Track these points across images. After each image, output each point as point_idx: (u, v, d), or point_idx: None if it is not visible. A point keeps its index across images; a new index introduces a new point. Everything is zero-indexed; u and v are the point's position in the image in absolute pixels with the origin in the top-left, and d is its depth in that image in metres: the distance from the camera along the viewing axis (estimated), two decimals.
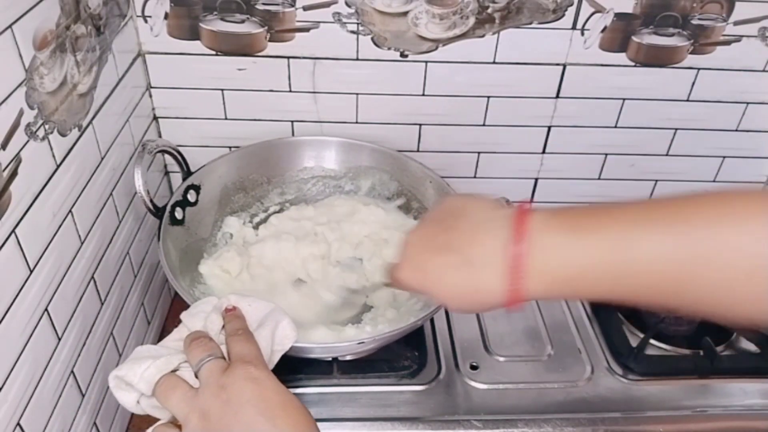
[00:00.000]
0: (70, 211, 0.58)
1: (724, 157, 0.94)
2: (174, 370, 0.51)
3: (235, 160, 0.82)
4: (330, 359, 0.73)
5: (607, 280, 0.42)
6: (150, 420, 0.51)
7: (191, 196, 0.76)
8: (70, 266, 0.58)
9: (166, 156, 0.78)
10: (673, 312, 0.42)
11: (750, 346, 0.79)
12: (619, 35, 0.82)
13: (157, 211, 0.70)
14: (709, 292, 0.40)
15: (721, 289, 0.39)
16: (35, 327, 0.52)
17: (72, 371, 0.59)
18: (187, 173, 0.77)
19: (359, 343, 0.65)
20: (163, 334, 0.86)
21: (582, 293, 0.45)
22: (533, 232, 0.43)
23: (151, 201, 0.69)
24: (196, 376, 0.49)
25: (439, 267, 0.46)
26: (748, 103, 0.89)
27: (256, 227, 0.84)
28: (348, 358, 0.74)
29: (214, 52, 0.80)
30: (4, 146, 0.47)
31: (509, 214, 0.45)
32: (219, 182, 0.81)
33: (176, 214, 0.73)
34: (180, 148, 0.87)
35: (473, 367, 0.75)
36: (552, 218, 0.44)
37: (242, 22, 0.78)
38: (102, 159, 0.66)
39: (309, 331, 0.68)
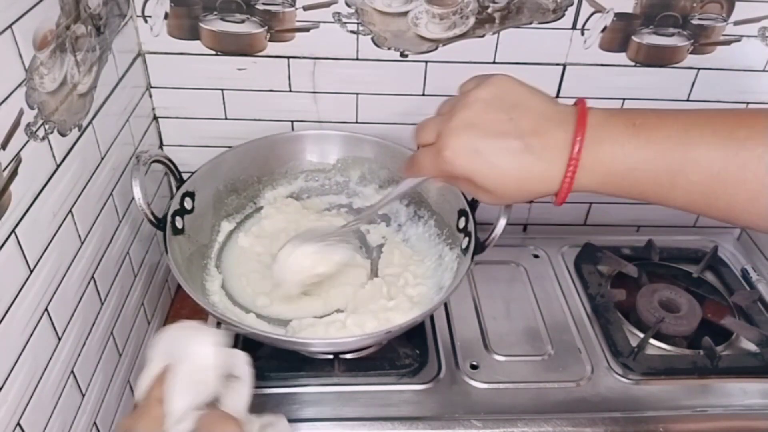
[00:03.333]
0: (70, 211, 0.58)
1: None
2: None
3: (224, 164, 0.81)
4: (331, 357, 0.74)
5: (656, 177, 0.45)
6: None
7: (187, 204, 0.75)
8: (70, 266, 0.58)
9: (167, 153, 0.78)
10: (697, 213, 0.47)
11: (750, 346, 0.79)
12: (619, 35, 0.82)
13: (158, 222, 0.70)
14: (740, 200, 0.44)
15: (748, 201, 0.44)
16: (35, 327, 0.52)
17: (72, 371, 0.59)
18: (180, 181, 0.76)
19: (374, 336, 0.66)
20: None
21: (628, 190, 0.47)
22: (593, 126, 0.46)
23: (152, 213, 0.69)
24: None
25: (498, 151, 0.48)
26: (748, 103, 0.89)
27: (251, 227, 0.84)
28: (349, 356, 0.74)
29: (214, 52, 0.80)
30: (4, 146, 0.47)
31: (572, 109, 0.48)
32: (211, 186, 0.80)
33: (176, 224, 0.73)
34: (180, 149, 0.87)
35: (473, 367, 0.75)
36: (611, 115, 0.47)
37: (242, 22, 0.78)
38: (102, 159, 0.66)
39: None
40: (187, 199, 0.75)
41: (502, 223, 0.68)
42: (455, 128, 0.49)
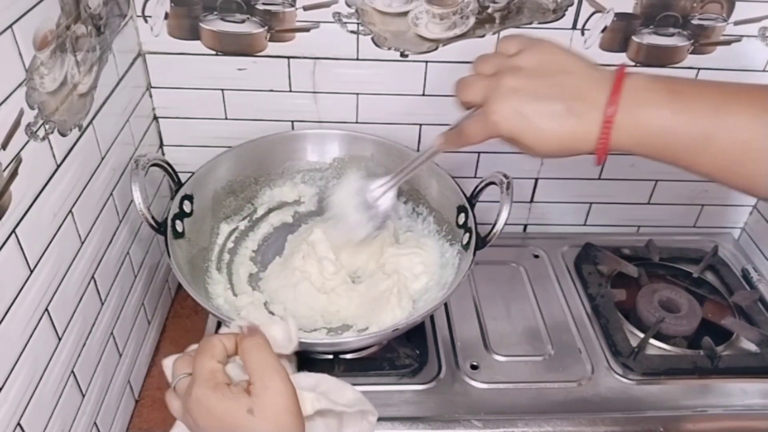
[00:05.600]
0: (70, 211, 0.58)
1: None
2: None
3: (221, 165, 0.81)
4: (331, 357, 0.74)
5: (689, 141, 0.47)
6: (150, 421, 0.52)
7: (186, 207, 0.75)
8: (70, 266, 0.58)
9: (167, 153, 0.78)
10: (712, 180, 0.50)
11: (750, 346, 0.79)
12: (619, 35, 0.82)
13: (159, 227, 0.70)
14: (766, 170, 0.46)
15: None
16: (35, 327, 0.52)
17: (72, 371, 0.59)
18: (178, 184, 0.76)
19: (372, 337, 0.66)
20: (163, 333, 0.86)
21: (662, 152, 0.50)
22: (632, 89, 0.49)
23: (153, 218, 0.69)
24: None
25: (543, 114, 0.51)
26: None
27: (251, 229, 0.84)
28: (349, 356, 0.74)
29: (214, 52, 0.80)
30: (4, 146, 0.47)
31: (612, 74, 0.51)
32: (209, 189, 0.80)
33: (177, 228, 0.72)
34: (180, 149, 0.87)
35: (473, 367, 0.75)
36: (651, 81, 0.50)
37: (242, 22, 0.78)
38: (102, 159, 0.66)
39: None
40: (186, 202, 0.75)
41: (504, 215, 0.68)
42: (503, 95, 0.52)
